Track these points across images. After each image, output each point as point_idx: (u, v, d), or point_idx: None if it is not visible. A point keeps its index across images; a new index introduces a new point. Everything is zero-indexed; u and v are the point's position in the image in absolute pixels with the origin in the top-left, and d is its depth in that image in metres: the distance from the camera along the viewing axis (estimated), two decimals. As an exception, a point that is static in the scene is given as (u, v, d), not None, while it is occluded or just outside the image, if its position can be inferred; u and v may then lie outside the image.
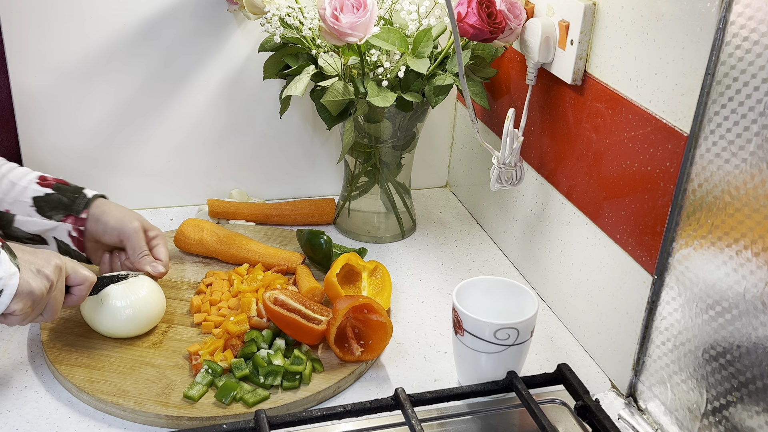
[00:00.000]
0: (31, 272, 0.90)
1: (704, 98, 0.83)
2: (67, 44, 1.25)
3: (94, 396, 0.96)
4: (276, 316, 1.03)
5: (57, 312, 0.95)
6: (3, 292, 0.87)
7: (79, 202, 1.07)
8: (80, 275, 0.97)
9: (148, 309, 1.05)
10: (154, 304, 1.06)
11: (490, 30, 1.09)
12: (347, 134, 1.21)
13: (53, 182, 1.09)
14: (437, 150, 1.52)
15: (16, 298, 0.88)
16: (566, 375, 0.98)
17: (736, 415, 0.82)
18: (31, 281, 0.89)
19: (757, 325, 0.78)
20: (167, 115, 1.34)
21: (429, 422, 0.97)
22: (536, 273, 1.23)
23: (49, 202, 1.07)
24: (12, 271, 0.88)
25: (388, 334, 1.03)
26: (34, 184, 1.07)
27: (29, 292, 0.89)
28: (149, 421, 0.95)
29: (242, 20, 1.30)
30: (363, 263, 1.18)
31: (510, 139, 1.11)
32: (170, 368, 1.01)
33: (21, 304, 0.89)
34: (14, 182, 1.07)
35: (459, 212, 1.47)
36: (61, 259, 0.94)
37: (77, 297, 0.98)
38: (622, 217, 1.00)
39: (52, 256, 0.93)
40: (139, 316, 1.04)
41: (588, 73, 1.04)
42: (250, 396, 0.96)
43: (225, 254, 1.24)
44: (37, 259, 0.91)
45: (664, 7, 0.89)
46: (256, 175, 1.43)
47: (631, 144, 0.97)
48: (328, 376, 1.01)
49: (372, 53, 1.17)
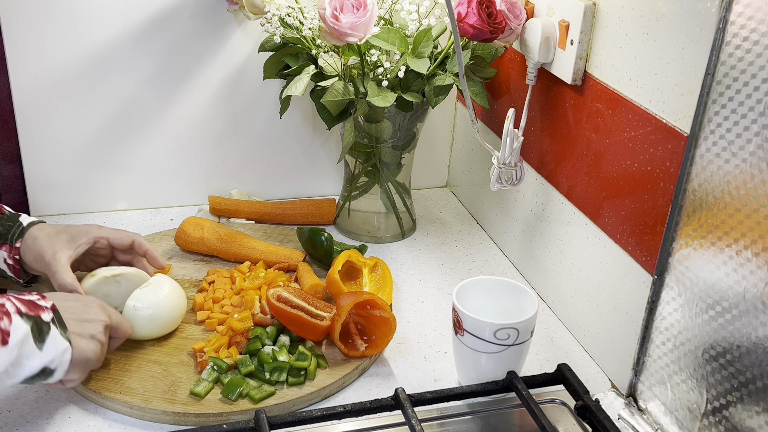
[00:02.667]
0: (84, 339, 0.89)
1: (704, 98, 0.83)
2: (67, 44, 1.25)
3: (101, 394, 0.96)
4: (280, 312, 1.04)
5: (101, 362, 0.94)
6: (57, 370, 0.86)
7: (14, 230, 1.05)
8: (122, 329, 0.97)
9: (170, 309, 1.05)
10: (177, 305, 1.06)
11: (490, 30, 1.09)
12: (347, 134, 1.21)
13: None
14: (437, 150, 1.52)
15: (71, 369, 0.88)
16: (566, 375, 0.98)
17: (736, 415, 0.82)
18: (86, 350, 0.89)
19: (757, 325, 0.78)
20: (167, 115, 1.34)
21: (429, 422, 0.97)
22: (536, 273, 1.23)
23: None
24: (64, 347, 0.86)
25: (391, 329, 1.04)
26: None
27: (85, 361, 0.89)
28: (156, 418, 0.95)
29: (242, 20, 1.30)
30: (364, 260, 1.18)
31: (510, 139, 1.11)
32: (175, 365, 1.02)
33: (78, 373, 0.89)
34: None
35: (459, 212, 1.47)
36: (107, 314, 0.94)
37: (113, 347, 0.98)
38: (622, 217, 1.00)
39: (101, 313, 0.93)
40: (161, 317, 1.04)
41: (588, 73, 1.04)
42: (256, 392, 0.96)
43: (226, 252, 1.24)
44: (87, 324, 0.90)
45: (664, 7, 0.89)
46: (256, 175, 1.43)
47: (631, 144, 0.97)
48: (332, 372, 1.01)
49: (372, 53, 1.17)
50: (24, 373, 0.84)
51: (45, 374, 0.86)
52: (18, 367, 0.83)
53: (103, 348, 0.92)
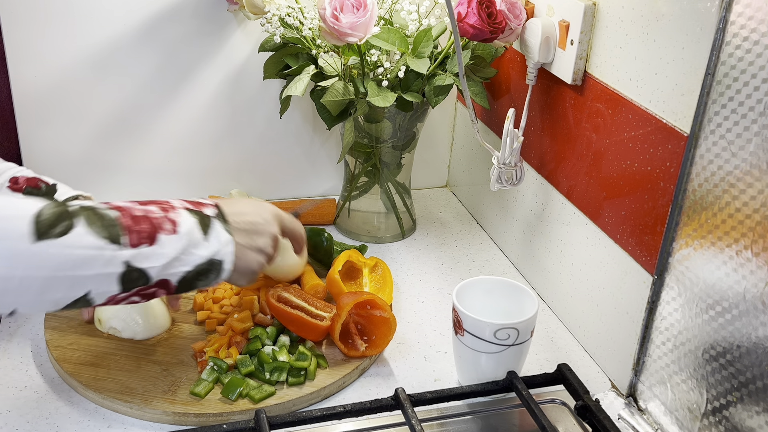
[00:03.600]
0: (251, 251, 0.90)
1: (704, 98, 0.83)
2: (67, 44, 1.25)
3: (101, 394, 0.96)
4: (280, 313, 1.04)
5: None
6: (224, 261, 0.87)
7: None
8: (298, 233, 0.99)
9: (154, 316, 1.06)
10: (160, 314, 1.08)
11: (490, 30, 1.09)
12: (347, 134, 1.21)
13: (24, 185, 1.05)
14: (437, 150, 1.52)
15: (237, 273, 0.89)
16: (566, 375, 0.98)
17: (736, 415, 0.82)
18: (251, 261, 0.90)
19: (757, 325, 0.78)
20: (167, 115, 1.34)
21: (429, 422, 0.97)
22: (536, 273, 1.23)
23: None
24: (226, 238, 0.87)
25: (391, 329, 1.04)
26: (5, 188, 1.04)
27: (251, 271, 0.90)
28: (156, 418, 0.95)
29: (242, 20, 1.30)
30: (364, 260, 1.18)
31: (510, 139, 1.11)
32: (175, 365, 1.02)
33: (245, 279, 0.91)
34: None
35: (459, 212, 1.47)
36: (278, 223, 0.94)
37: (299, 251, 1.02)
38: (622, 217, 1.00)
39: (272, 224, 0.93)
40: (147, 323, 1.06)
41: (588, 73, 1.04)
42: (256, 392, 0.96)
43: (225, 253, 1.24)
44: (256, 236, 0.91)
45: (664, 7, 0.89)
46: (256, 175, 1.43)
47: (631, 144, 0.97)
48: (332, 372, 1.02)
49: (372, 53, 1.17)
50: (194, 261, 0.85)
51: (215, 268, 0.87)
52: (188, 255, 0.84)
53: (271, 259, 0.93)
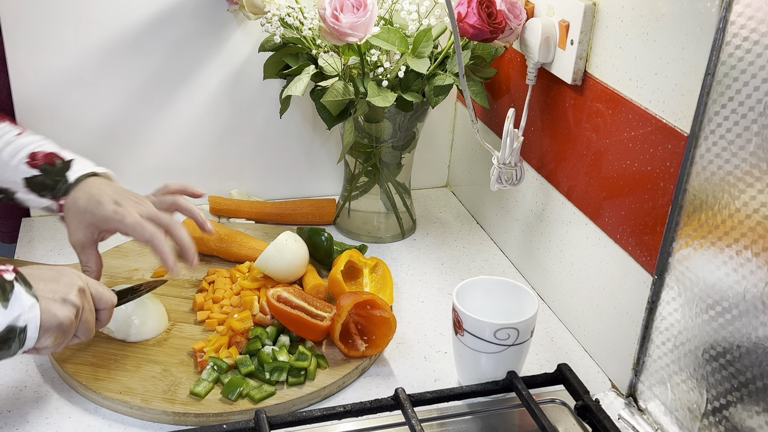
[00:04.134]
0: (56, 303, 0.86)
1: (704, 98, 0.83)
2: (67, 44, 1.25)
3: (101, 394, 0.96)
4: (280, 313, 1.04)
5: (92, 330, 0.91)
6: (28, 327, 0.83)
7: (59, 187, 1.03)
8: (105, 299, 0.93)
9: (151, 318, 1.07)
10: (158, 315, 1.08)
11: (490, 30, 1.09)
12: (347, 134, 1.21)
13: (41, 162, 1.04)
14: (437, 150, 1.52)
15: (45, 333, 0.85)
16: (566, 375, 0.98)
17: (736, 415, 0.82)
18: (58, 312, 0.85)
19: (757, 325, 0.78)
20: (167, 115, 1.34)
21: (429, 422, 0.97)
22: (536, 273, 1.23)
23: (37, 184, 1.03)
24: (30, 302, 0.84)
25: (391, 329, 1.04)
26: (23, 164, 1.03)
27: (57, 325, 0.85)
28: (156, 418, 0.95)
29: (242, 20, 1.30)
30: (364, 260, 1.18)
31: (510, 139, 1.11)
32: (175, 365, 1.02)
33: (52, 338, 0.86)
34: (6, 161, 1.04)
35: (459, 212, 1.47)
36: (83, 280, 0.90)
37: (102, 321, 0.94)
38: (622, 217, 1.00)
39: (74, 278, 0.89)
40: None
41: (588, 73, 1.04)
42: (256, 392, 0.96)
43: (226, 252, 1.24)
44: (59, 286, 0.87)
45: (664, 7, 0.89)
46: (256, 175, 1.43)
47: (631, 144, 0.97)
48: (332, 372, 1.02)
49: (372, 53, 1.17)
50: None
51: (17, 336, 0.83)
52: None
53: (80, 312, 0.88)
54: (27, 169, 1.04)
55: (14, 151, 1.04)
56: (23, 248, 1.28)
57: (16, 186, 1.04)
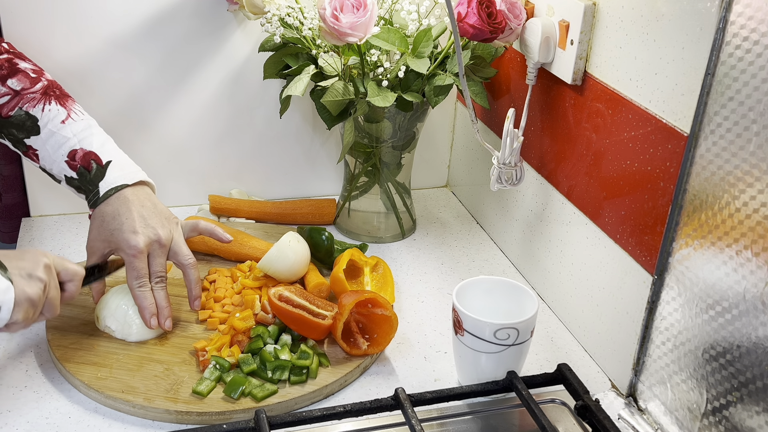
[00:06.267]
0: (23, 279, 0.89)
1: (704, 98, 0.83)
2: (67, 44, 1.25)
3: (103, 393, 0.96)
4: (281, 312, 1.04)
5: (57, 308, 0.94)
6: (2, 309, 0.87)
7: (90, 198, 1.06)
8: (70, 271, 0.97)
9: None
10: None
11: (490, 30, 1.09)
12: (347, 134, 1.21)
13: (78, 163, 1.06)
14: (437, 150, 1.52)
15: (15, 309, 0.88)
16: (566, 375, 0.98)
17: (736, 415, 0.82)
18: (26, 288, 0.89)
19: (757, 325, 0.78)
20: (167, 115, 1.34)
21: (429, 422, 0.97)
22: (536, 273, 1.23)
23: (75, 186, 1.07)
24: (5, 285, 0.87)
25: (393, 327, 1.04)
26: (63, 162, 1.06)
27: (27, 299, 0.89)
28: (158, 417, 0.95)
29: (242, 20, 1.30)
30: (365, 259, 1.19)
31: (510, 139, 1.11)
32: (177, 364, 1.02)
33: (22, 313, 0.89)
34: (50, 154, 1.07)
35: (459, 212, 1.47)
36: (48, 257, 0.94)
37: (70, 293, 0.97)
38: (622, 217, 1.00)
39: (39, 255, 0.93)
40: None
41: (588, 73, 1.04)
42: (258, 391, 0.97)
43: (227, 252, 1.24)
44: (25, 263, 0.91)
45: (664, 7, 0.89)
46: (256, 175, 1.43)
47: (631, 144, 0.97)
48: (334, 370, 1.02)
49: (372, 53, 1.17)
50: None
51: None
52: None
53: (47, 288, 0.92)
54: (66, 168, 1.07)
55: (57, 144, 1.07)
56: (23, 248, 1.27)
57: (60, 177, 1.08)
